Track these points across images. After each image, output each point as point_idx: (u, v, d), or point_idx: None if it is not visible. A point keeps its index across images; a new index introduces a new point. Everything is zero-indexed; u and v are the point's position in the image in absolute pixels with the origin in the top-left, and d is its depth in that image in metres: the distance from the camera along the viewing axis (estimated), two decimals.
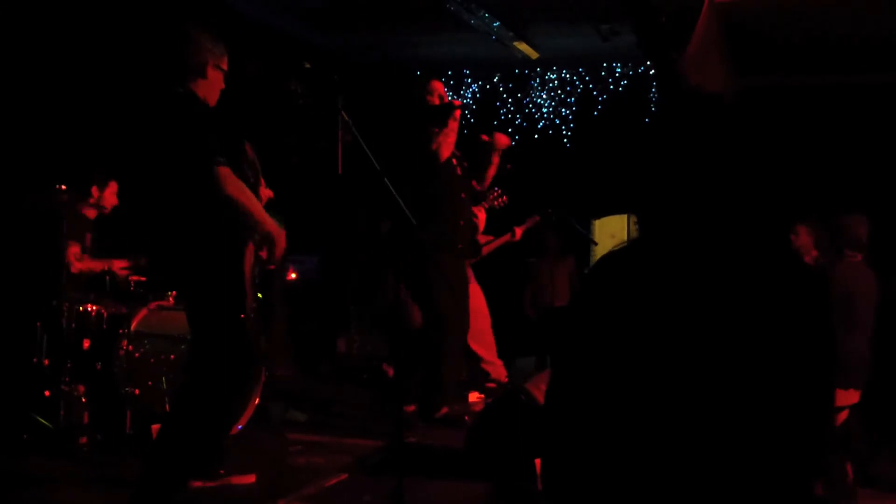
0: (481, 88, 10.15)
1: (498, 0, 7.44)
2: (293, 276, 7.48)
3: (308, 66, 4.78)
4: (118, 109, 5.08)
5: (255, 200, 3.72)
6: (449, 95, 5.93)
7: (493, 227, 7.52)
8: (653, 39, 5.29)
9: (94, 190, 5.68)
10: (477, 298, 7.31)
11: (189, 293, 3.79)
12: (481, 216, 6.92)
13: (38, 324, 4.96)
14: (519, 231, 7.49)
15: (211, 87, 3.89)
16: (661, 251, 1.75)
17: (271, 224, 3.72)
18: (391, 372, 6.31)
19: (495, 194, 7.05)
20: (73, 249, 5.43)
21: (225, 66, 3.94)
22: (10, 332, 5.12)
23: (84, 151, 5.77)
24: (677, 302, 1.67)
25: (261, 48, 7.47)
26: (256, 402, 5.26)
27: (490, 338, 7.27)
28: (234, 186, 3.61)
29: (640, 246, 1.82)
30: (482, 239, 7.41)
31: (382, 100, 8.64)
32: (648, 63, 9.16)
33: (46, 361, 4.92)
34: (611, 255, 1.82)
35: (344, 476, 4.46)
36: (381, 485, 4.01)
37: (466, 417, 5.44)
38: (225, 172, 3.58)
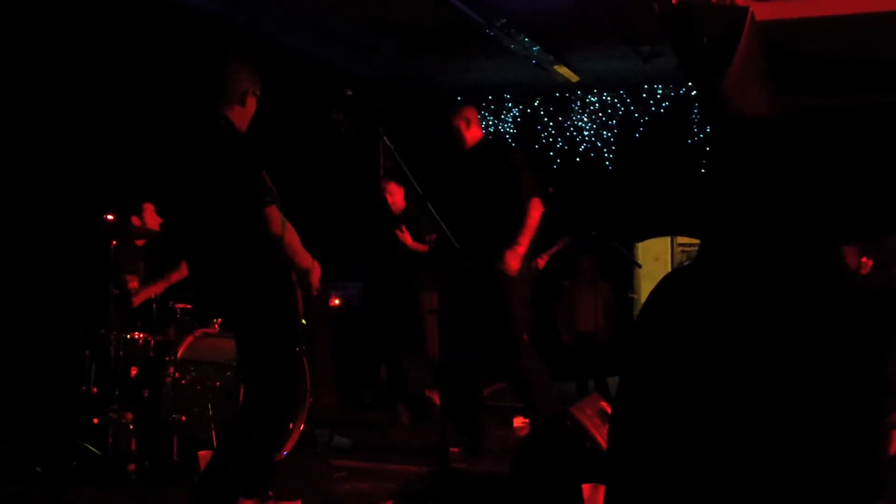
0: (522, 112, 10.17)
1: (538, 24, 7.47)
2: (336, 302, 7.51)
3: (350, 93, 4.82)
4: (161, 139, 5.15)
5: (295, 236, 3.78)
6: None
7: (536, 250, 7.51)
8: (694, 62, 5.25)
9: (136, 220, 5.77)
10: None
11: (243, 327, 3.81)
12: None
13: (87, 352, 5.02)
14: (542, 262, 7.46)
15: (246, 114, 3.96)
16: (718, 273, 1.75)
17: (307, 258, 3.79)
18: (436, 398, 6.29)
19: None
20: (132, 285, 5.51)
21: (258, 93, 4.00)
22: (59, 361, 5.19)
23: (129, 180, 5.86)
24: (736, 321, 1.68)
25: (302, 78, 7.55)
26: (302, 427, 5.29)
27: None
28: (280, 225, 3.68)
29: (700, 268, 1.82)
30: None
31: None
32: (690, 84, 9.13)
33: (95, 389, 4.98)
34: (672, 277, 1.84)
35: (389, 502, 4.45)
36: None
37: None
38: (272, 212, 3.66)
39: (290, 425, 5.13)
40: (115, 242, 5.12)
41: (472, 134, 5.54)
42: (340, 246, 7.29)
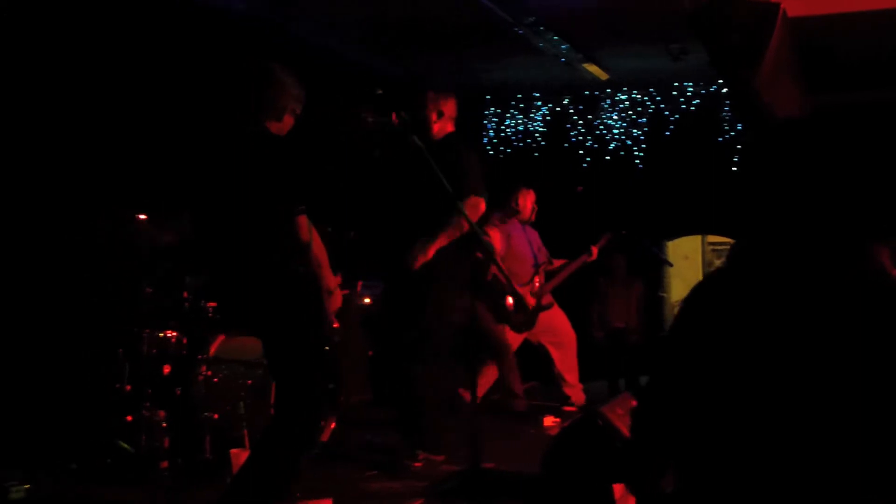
0: (551, 111, 10.14)
1: (567, 22, 7.45)
2: (367, 301, 7.52)
3: (380, 92, 4.83)
4: (196, 142, 5.19)
5: (324, 252, 3.79)
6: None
7: (566, 249, 7.48)
8: (725, 58, 5.22)
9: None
10: (562, 321, 7.26)
11: (270, 330, 3.82)
12: (494, 234, 6.79)
13: (120, 350, 5.06)
14: (595, 250, 7.38)
15: (280, 129, 3.94)
16: (755, 273, 1.75)
17: (331, 278, 3.81)
18: (467, 396, 6.29)
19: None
20: None
21: (298, 112, 3.99)
22: (93, 359, 5.24)
23: (162, 180, 5.90)
24: (771, 322, 1.67)
25: (330, 78, 7.56)
26: (333, 426, 5.31)
27: (574, 361, 7.22)
28: (310, 234, 3.70)
29: (738, 267, 1.82)
30: (556, 262, 7.36)
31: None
32: (720, 82, 9.07)
33: (128, 387, 5.02)
34: (712, 277, 1.85)
35: (419, 501, 4.45)
36: None
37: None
38: (303, 221, 3.67)
39: (321, 424, 5.15)
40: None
41: (442, 127, 5.31)
42: (371, 245, 7.31)
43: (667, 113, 9.64)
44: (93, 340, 5.34)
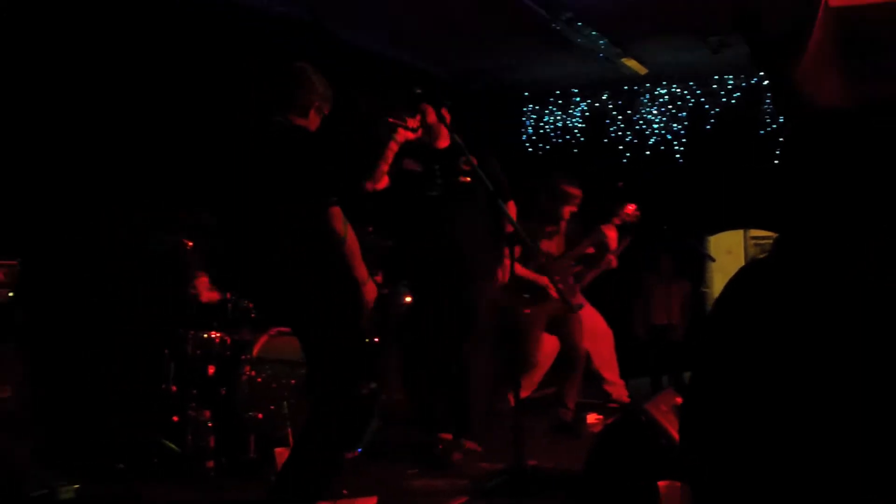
0: (590, 107, 10.09)
1: (604, 17, 7.41)
2: (408, 299, 7.53)
3: (419, 91, 4.84)
4: (226, 138, 5.23)
5: (357, 246, 3.80)
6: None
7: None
8: (765, 51, 5.17)
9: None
10: (595, 320, 7.22)
11: (306, 325, 3.82)
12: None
13: (166, 351, 5.12)
14: (614, 259, 7.31)
15: (307, 126, 3.96)
16: (795, 265, 1.73)
17: (364, 271, 3.81)
18: (510, 397, 6.26)
19: (629, 210, 6.78)
20: (202, 279, 5.57)
21: (326, 112, 4.01)
22: (139, 361, 5.30)
23: (199, 180, 5.94)
24: (806, 314, 1.65)
25: (370, 76, 7.58)
26: (375, 424, 5.32)
27: (613, 358, 7.18)
28: (343, 225, 3.70)
29: (776, 261, 1.80)
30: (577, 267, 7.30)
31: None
32: (761, 74, 8.97)
33: (174, 388, 5.07)
34: (747, 270, 1.82)
35: (463, 499, 4.46)
36: None
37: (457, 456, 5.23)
38: (336, 212, 3.68)
39: (363, 422, 5.17)
40: (190, 244, 5.22)
41: (444, 132, 5.30)
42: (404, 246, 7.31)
43: (707, 106, 9.55)
44: (139, 342, 5.40)
